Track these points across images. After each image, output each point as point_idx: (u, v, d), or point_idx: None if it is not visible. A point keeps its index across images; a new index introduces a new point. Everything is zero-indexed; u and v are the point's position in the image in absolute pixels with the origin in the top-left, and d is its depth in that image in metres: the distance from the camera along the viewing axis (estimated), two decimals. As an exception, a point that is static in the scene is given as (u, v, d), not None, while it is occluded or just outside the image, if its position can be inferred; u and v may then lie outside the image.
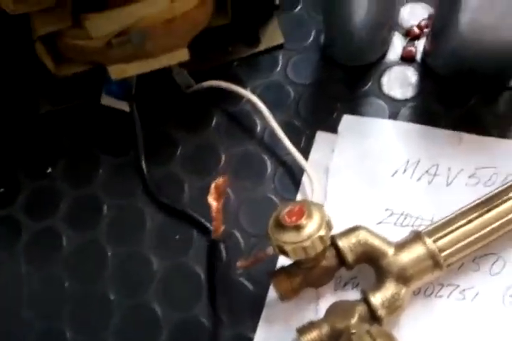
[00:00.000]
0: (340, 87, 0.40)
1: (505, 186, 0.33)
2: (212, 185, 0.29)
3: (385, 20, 0.39)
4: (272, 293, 0.33)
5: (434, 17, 0.39)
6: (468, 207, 0.33)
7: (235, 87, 0.39)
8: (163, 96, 0.41)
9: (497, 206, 0.32)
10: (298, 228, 0.29)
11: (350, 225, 0.33)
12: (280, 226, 0.30)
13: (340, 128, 0.39)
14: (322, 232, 0.29)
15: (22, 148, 0.41)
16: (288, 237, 0.29)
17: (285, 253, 0.29)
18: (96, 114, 0.41)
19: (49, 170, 0.40)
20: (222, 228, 0.30)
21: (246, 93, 0.39)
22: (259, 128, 0.40)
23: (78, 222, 0.38)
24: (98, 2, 0.34)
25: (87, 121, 0.42)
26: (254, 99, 0.39)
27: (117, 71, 0.38)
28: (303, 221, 0.29)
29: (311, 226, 0.29)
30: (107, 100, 0.41)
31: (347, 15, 0.36)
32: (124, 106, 0.40)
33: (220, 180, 0.29)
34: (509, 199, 0.33)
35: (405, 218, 0.35)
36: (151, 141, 0.40)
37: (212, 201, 0.28)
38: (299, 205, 0.30)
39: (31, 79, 0.42)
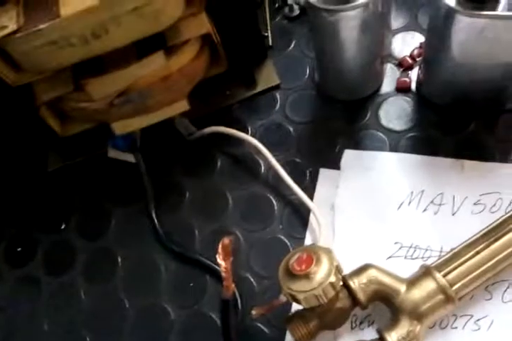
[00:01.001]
0: (339, 123, 0.41)
1: (509, 214, 0.34)
2: (220, 246, 0.30)
3: (377, 54, 0.40)
4: (289, 337, 0.34)
5: (425, 47, 0.40)
6: (475, 237, 0.33)
7: (235, 132, 0.41)
8: (167, 144, 0.43)
9: (504, 235, 0.33)
10: (308, 276, 0.30)
11: (361, 262, 0.34)
12: (290, 274, 0.30)
13: (343, 163, 0.39)
14: (332, 278, 0.30)
15: (35, 206, 0.43)
16: (299, 286, 0.30)
17: (297, 301, 0.30)
18: (104, 166, 0.43)
19: (63, 226, 0.42)
20: (233, 286, 0.31)
21: (246, 136, 0.40)
22: (263, 169, 0.41)
23: (94, 276, 0.40)
24: (96, 66, 0.35)
25: (96, 174, 0.43)
26: (254, 141, 0.40)
27: (120, 127, 0.39)
28: (312, 268, 0.30)
29: (320, 273, 0.30)
30: (113, 153, 0.42)
31: (339, 52, 0.37)
32: (130, 157, 0.42)
33: (226, 240, 0.30)
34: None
35: (415, 250, 0.36)
36: (159, 189, 0.41)
37: (220, 261, 0.29)
38: (307, 252, 0.31)
39: (39, 138, 0.43)
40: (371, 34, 0.36)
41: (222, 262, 0.28)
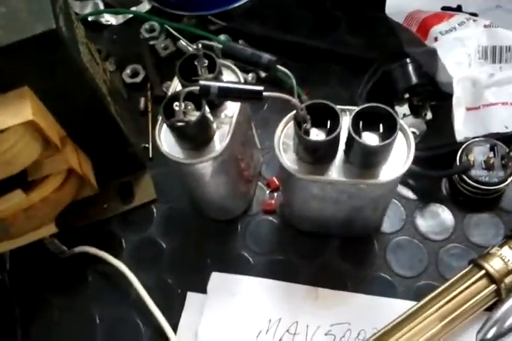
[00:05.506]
0: (210, 243, 0.42)
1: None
2: None
3: (239, 181, 0.40)
4: None
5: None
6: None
7: (103, 253, 0.41)
8: (40, 262, 0.42)
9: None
10: None
11: None
12: None
13: (209, 287, 0.40)
14: None
15: None
16: None
17: None
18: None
19: None
20: None
21: (113, 260, 0.41)
22: (132, 289, 0.41)
23: None
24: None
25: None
26: (122, 267, 0.40)
27: (-14, 250, 0.39)
28: None
29: None
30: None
31: (201, 187, 0.38)
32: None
33: None
34: None
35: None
36: (29, 308, 0.41)
37: None
38: None
39: None
40: (232, 168, 0.37)
41: None
